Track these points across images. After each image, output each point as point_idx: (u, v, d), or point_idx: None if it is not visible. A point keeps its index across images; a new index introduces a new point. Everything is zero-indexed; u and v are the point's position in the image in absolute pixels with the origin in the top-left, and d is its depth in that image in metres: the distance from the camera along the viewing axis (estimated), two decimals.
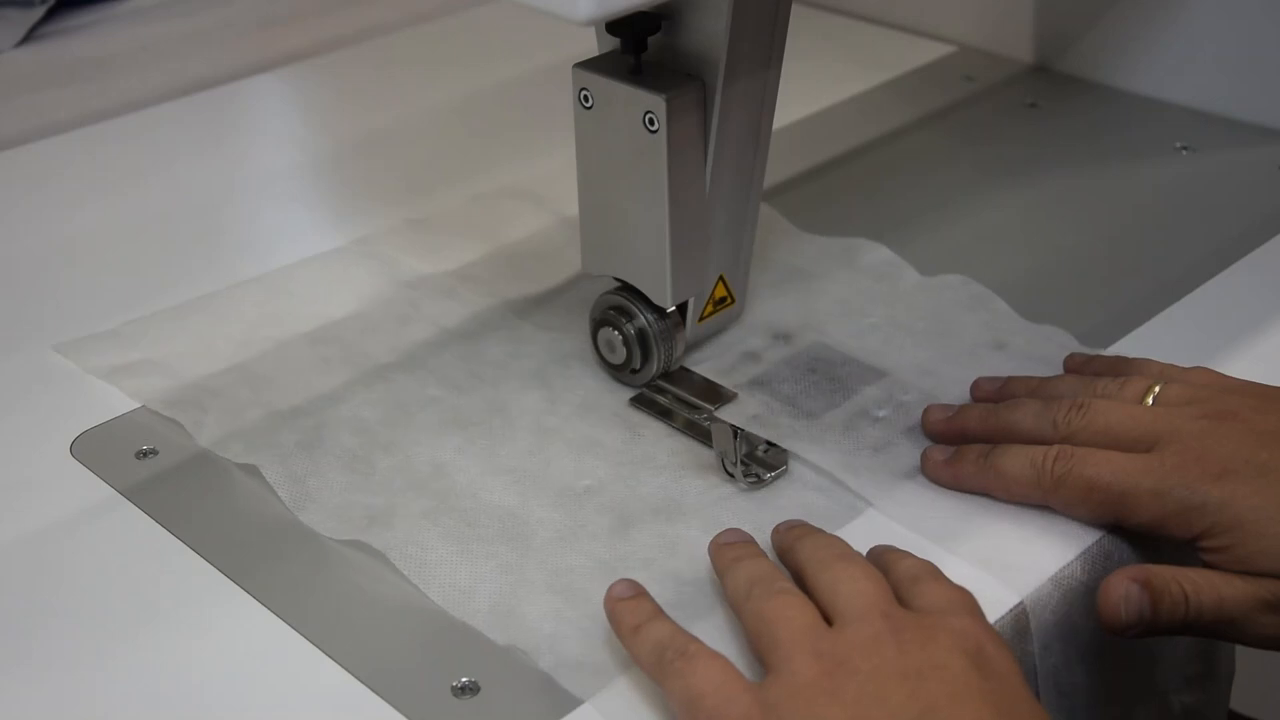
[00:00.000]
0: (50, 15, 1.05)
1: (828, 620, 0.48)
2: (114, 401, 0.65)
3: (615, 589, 0.51)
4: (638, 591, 0.51)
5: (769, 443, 0.60)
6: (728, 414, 0.63)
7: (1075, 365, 0.64)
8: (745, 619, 0.49)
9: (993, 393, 0.62)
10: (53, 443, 0.63)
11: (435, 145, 0.88)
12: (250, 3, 1.10)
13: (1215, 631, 0.52)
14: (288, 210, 0.83)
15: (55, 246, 0.78)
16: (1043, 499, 0.56)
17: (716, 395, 0.64)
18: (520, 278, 0.73)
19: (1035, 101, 0.93)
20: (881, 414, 0.63)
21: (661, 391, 0.65)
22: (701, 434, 0.62)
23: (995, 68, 0.97)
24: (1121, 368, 0.61)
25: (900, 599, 0.48)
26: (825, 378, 0.65)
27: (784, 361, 0.66)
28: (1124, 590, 0.51)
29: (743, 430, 0.60)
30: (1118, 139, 0.88)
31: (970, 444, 0.58)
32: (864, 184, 0.84)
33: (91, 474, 0.61)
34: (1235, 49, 0.86)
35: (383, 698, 0.50)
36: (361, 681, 0.50)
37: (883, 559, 0.51)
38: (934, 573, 0.50)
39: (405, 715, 0.49)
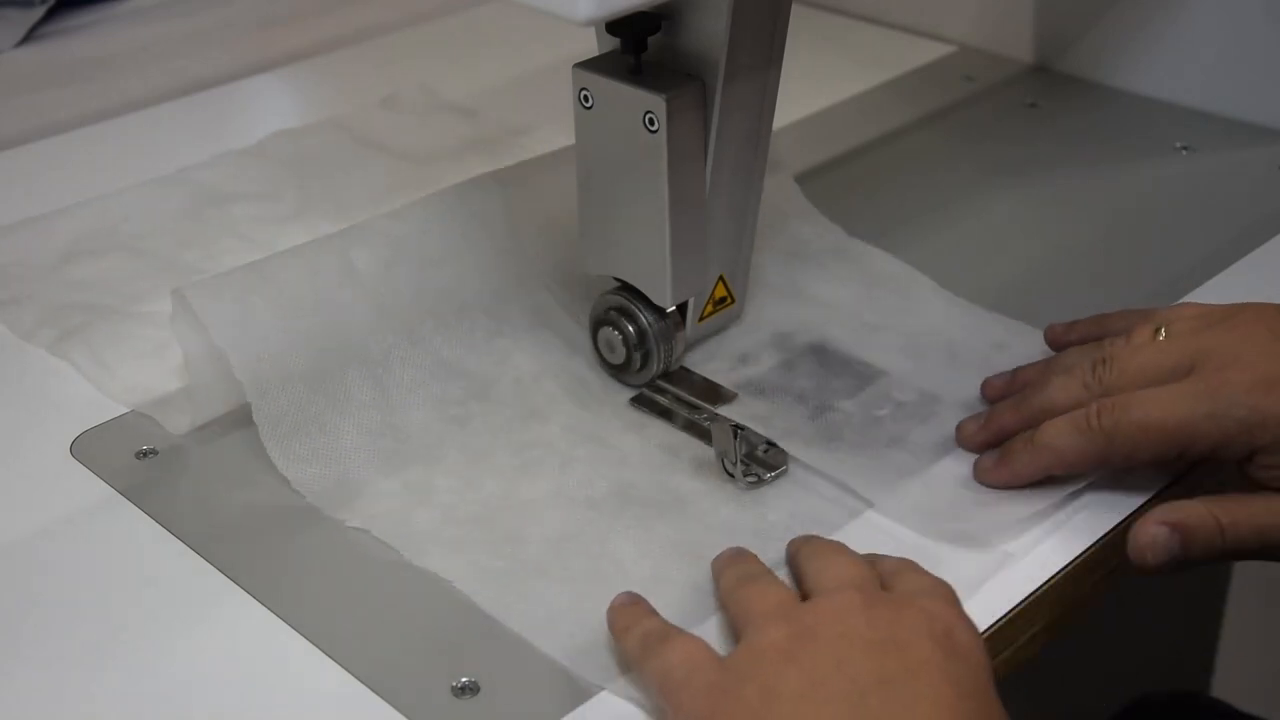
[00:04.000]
0: (50, 15, 1.05)
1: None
2: (114, 401, 0.65)
3: (617, 599, 0.52)
4: (636, 599, 0.52)
5: (769, 442, 0.60)
6: (727, 414, 0.63)
7: (1057, 334, 0.65)
8: (728, 606, 0.50)
9: (1003, 387, 0.62)
10: (53, 443, 0.63)
11: (433, 146, 0.88)
12: (250, 3, 1.10)
13: (1257, 556, 0.53)
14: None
15: (55, 247, 0.78)
16: (1102, 459, 0.55)
17: (716, 395, 0.64)
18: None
19: (1035, 101, 0.93)
20: (881, 413, 0.63)
21: (661, 391, 0.65)
22: (701, 434, 0.62)
23: (995, 68, 0.97)
24: (1105, 324, 0.62)
25: (882, 587, 0.49)
26: (824, 377, 0.65)
27: (783, 361, 0.66)
28: (1151, 535, 0.52)
29: (743, 430, 0.60)
30: (1118, 139, 0.88)
31: (1011, 438, 0.58)
32: (864, 184, 0.84)
33: (91, 474, 0.61)
34: (1235, 49, 0.86)
35: (383, 698, 0.50)
36: (361, 681, 0.50)
37: (870, 557, 0.52)
38: (916, 566, 0.51)
39: (405, 715, 0.49)
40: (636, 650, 0.49)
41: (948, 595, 0.48)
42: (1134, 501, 0.57)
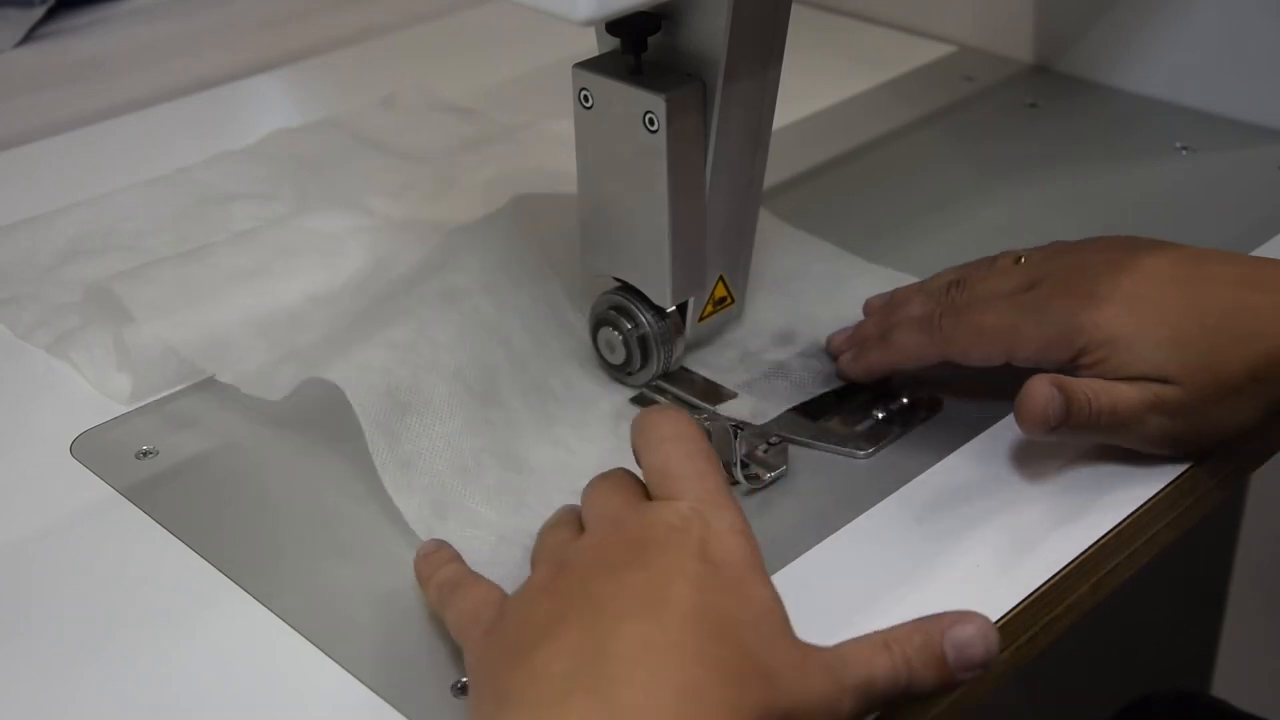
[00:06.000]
0: (50, 15, 1.05)
1: None
2: (114, 401, 0.65)
3: (422, 546, 0.54)
4: (441, 547, 0.54)
5: (769, 442, 0.60)
6: (727, 413, 0.63)
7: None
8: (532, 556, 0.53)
9: (881, 306, 0.67)
10: (53, 443, 0.63)
11: (432, 145, 0.88)
12: (250, 3, 1.10)
13: (1113, 434, 0.57)
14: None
15: (54, 246, 0.78)
16: (942, 354, 0.60)
17: (716, 395, 0.64)
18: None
19: (1035, 101, 0.93)
20: (882, 414, 0.63)
21: (661, 391, 0.65)
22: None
23: (995, 68, 0.97)
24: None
25: (651, 485, 0.50)
26: (824, 378, 0.65)
27: (784, 362, 0.66)
28: (1048, 393, 0.55)
29: (742, 430, 0.60)
30: (1118, 139, 0.88)
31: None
32: (864, 184, 0.84)
33: (91, 474, 0.61)
34: (1235, 49, 0.86)
35: (383, 698, 0.50)
36: (361, 681, 0.50)
37: (646, 474, 0.51)
38: (682, 454, 0.49)
39: (405, 715, 0.49)
40: (435, 600, 0.52)
41: (711, 501, 0.48)
42: (1134, 503, 0.57)
